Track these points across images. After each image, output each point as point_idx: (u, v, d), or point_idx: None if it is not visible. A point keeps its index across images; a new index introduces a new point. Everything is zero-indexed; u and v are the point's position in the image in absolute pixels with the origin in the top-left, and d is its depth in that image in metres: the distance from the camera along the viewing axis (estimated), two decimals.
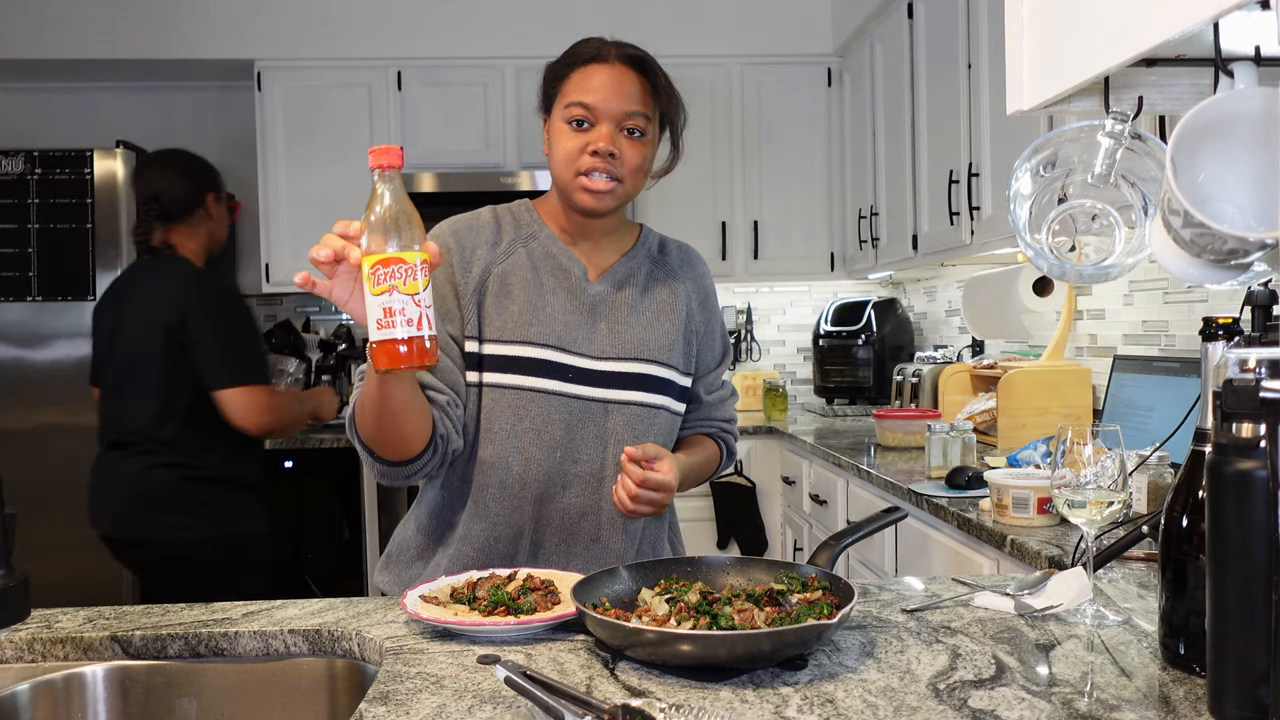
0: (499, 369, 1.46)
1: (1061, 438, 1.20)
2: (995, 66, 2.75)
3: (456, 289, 1.48)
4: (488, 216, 1.55)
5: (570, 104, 1.45)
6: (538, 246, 1.53)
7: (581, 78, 1.46)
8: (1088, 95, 1.11)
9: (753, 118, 4.25)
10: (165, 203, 2.49)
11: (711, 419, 1.66)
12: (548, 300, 1.49)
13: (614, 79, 1.45)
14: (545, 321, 1.48)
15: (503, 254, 1.51)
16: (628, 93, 1.45)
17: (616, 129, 1.45)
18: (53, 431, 3.52)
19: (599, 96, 1.44)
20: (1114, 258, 1.16)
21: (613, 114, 1.44)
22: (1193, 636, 0.98)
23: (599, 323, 1.51)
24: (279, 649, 1.22)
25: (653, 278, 1.59)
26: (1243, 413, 0.82)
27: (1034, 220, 1.17)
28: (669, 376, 1.54)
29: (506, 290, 1.49)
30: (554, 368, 1.47)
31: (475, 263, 1.49)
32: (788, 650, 1.00)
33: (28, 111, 4.46)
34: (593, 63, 1.47)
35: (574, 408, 1.47)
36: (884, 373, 4.08)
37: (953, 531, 2.11)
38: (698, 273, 1.66)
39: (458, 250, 1.49)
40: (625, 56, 1.48)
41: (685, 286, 1.62)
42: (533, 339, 1.47)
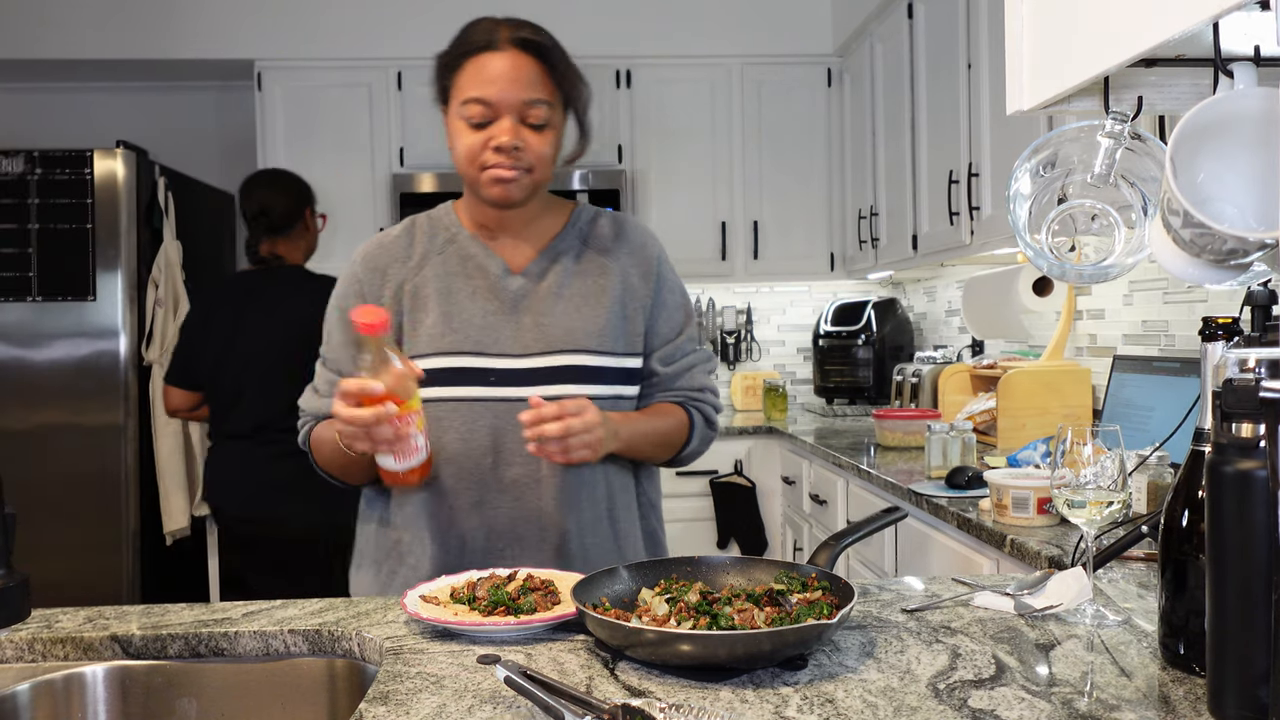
0: (423, 384, 1.43)
1: (1061, 438, 1.20)
2: (995, 66, 2.75)
3: None
4: (400, 231, 1.54)
5: (467, 100, 1.39)
6: (454, 251, 1.50)
7: (475, 69, 1.39)
8: (1088, 95, 1.11)
9: (753, 118, 4.25)
10: (273, 218, 2.79)
11: (673, 389, 1.57)
12: (463, 305, 1.46)
13: (509, 68, 1.39)
14: (460, 328, 1.45)
15: (415, 267, 1.49)
16: (525, 81, 1.39)
17: (518, 120, 1.40)
18: (53, 431, 3.51)
19: (496, 89, 1.38)
20: (1114, 258, 1.16)
21: (512, 106, 1.39)
22: (1192, 636, 0.98)
23: (522, 317, 1.47)
24: (279, 649, 1.22)
25: (583, 258, 1.52)
26: (1243, 413, 0.82)
27: (1034, 220, 1.17)
28: (602, 364, 1.48)
29: (421, 304, 1.47)
30: (474, 374, 1.44)
31: (388, 282, 1.49)
32: (788, 650, 1.00)
33: (28, 111, 4.46)
34: (485, 51, 1.39)
35: (499, 411, 1.44)
36: (884, 373, 4.08)
37: (953, 531, 2.11)
38: (635, 245, 1.56)
39: (367, 278, 1.50)
40: (519, 41, 1.40)
41: (619, 263, 1.53)
42: (447, 349, 1.45)
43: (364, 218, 4.10)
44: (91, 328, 3.52)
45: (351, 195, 4.09)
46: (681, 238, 4.22)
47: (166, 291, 3.64)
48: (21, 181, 3.49)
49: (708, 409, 1.59)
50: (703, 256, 4.24)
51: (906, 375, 3.56)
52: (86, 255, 3.50)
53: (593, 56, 4.16)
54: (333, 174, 4.07)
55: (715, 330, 4.59)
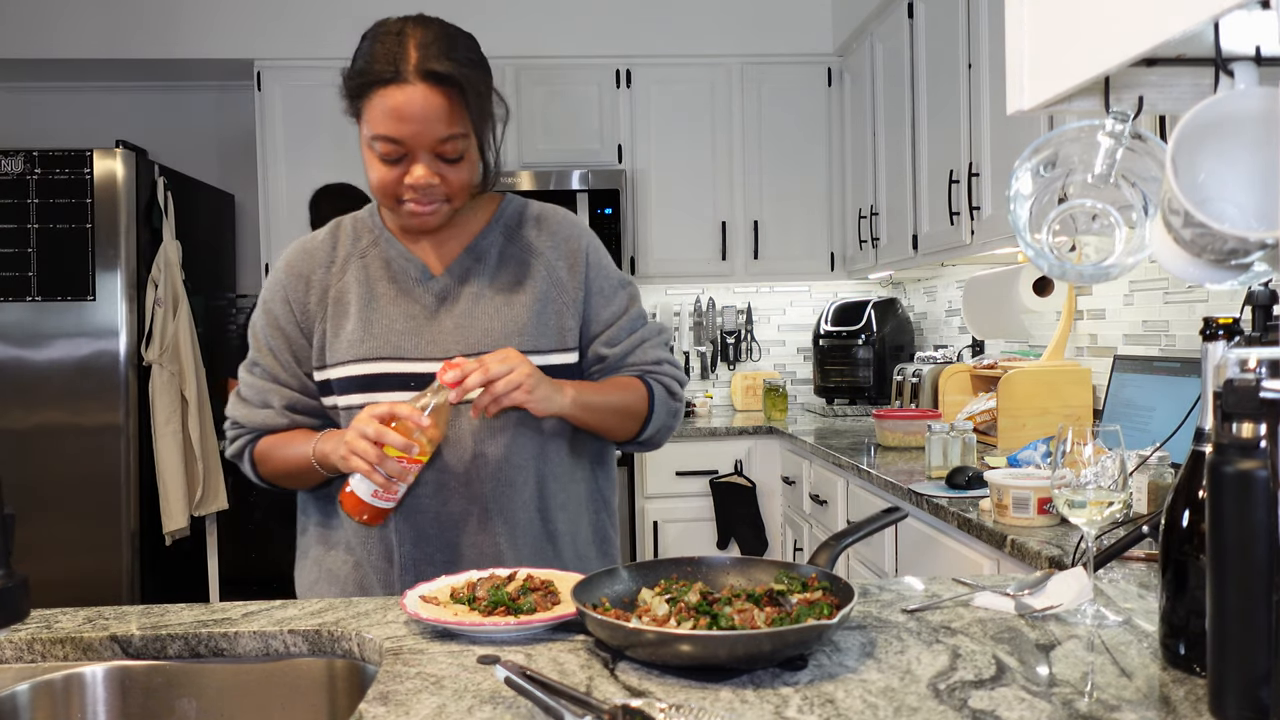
0: (343, 392, 1.44)
1: (1062, 438, 1.20)
2: (995, 66, 2.75)
3: (299, 325, 1.47)
4: (324, 235, 1.52)
5: (377, 137, 1.33)
6: (376, 254, 1.48)
7: (383, 103, 1.31)
8: (1088, 95, 1.11)
9: (753, 118, 4.25)
10: None
11: (626, 365, 1.52)
12: (383, 311, 1.44)
13: (419, 106, 1.30)
14: (378, 335, 1.43)
15: (337, 272, 1.47)
16: (435, 118, 1.31)
17: (432, 156, 1.34)
18: (53, 431, 3.52)
19: (407, 130, 1.31)
20: (1114, 258, 1.16)
21: (424, 144, 1.33)
22: (1193, 637, 0.98)
23: (444, 320, 1.44)
24: (279, 649, 1.22)
25: (505, 256, 1.48)
26: (1243, 413, 0.82)
27: (1034, 220, 1.17)
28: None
29: (342, 309, 1.45)
30: (391, 380, 1.42)
31: (312, 288, 1.47)
32: (788, 650, 1.00)
33: (28, 111, 4.47)
34: (392, 84, 1.31)
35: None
36: (884, 373, 4.08)
37: (953, 531, 2.11)
38: (561, 236, 1.51)
39: (291, 284, 1.48)
40: (427, 74, 1.30)
41: (542, 256, 1.49)
42: (367, 355, 1.43)
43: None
44: (91, 327, 3.52)
45: None
46: (681, 238, 4.23)
47: (166, 291, 3.64)
48: (21, 181, 3.49)
49: (666, 379, 1.53)
50: (703, 256, 4.24)
51: (907, 375, 3.56)
52: (86, 255, 3.51)
53: (593, 56, 4.18)
54: (332, 174, 4.06)
55: (715, 330, 4.59)
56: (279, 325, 1.48)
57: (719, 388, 4.64)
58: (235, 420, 1.51)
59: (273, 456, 1.47)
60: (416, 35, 1.33)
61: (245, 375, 1.51)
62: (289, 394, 1.48)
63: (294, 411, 1.48)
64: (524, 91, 4.12)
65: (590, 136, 4.17)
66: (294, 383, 1.48)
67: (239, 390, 1.52)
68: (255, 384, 1.49)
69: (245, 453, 1.50)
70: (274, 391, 1.48)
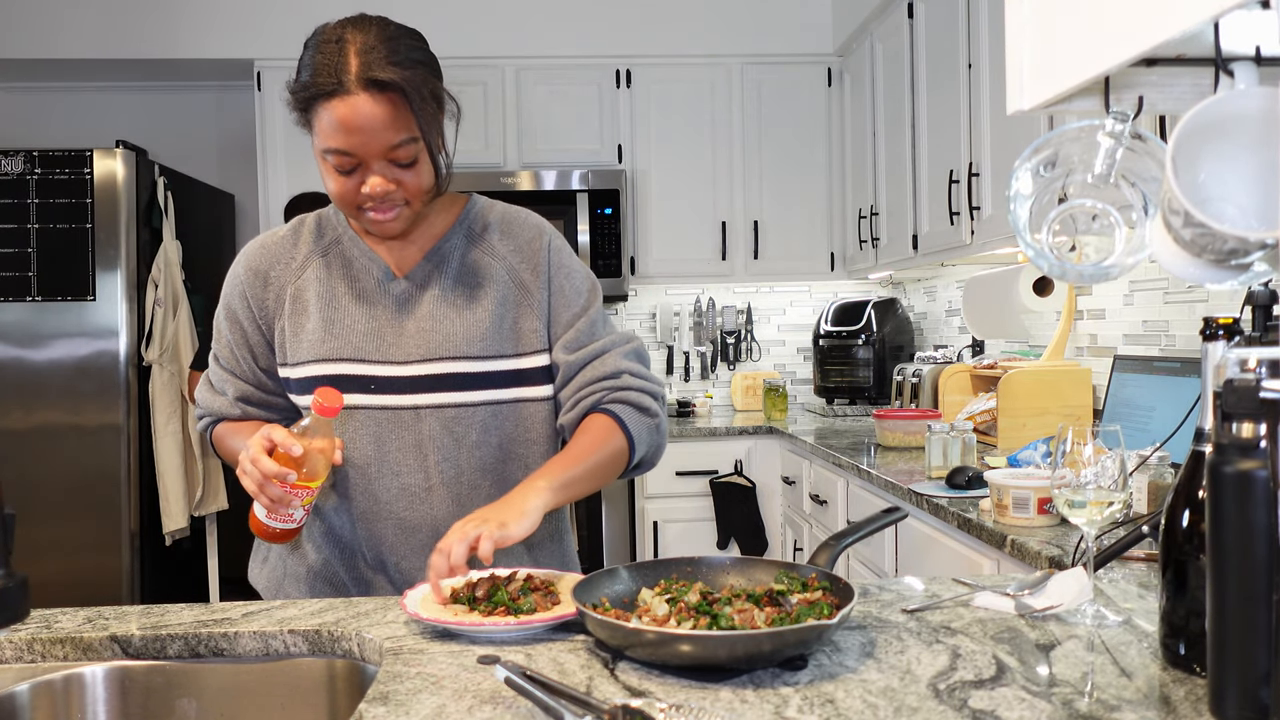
0: (303, 391, 1.43)
1: (1062, 438, 1.20)
2: (995, 66, 2.75)
3: (257, 322, 1.47)
4: (286, 231, 1.50)
5: (328, 150, 1.30)
6: (338, 253, 1.46)
7: (328, 115, 1.28)
8: (1088, 95, 1.11)
9: (753, 118, 4.25)
10: None
11: (586, 385, 1.44)
12: (344, 310, 1.43)
13: (364, 117, 1.27)
14: (340, 335, 1.42)
15: (298, 270, 1.46)
16: (383, 126, 1.28)
17: (386, 163, 1.32)
18: (53, 431, 3.52)
19: (355, 141, 1.28)
20: (1114, 258, 1.16)
21: (376, 153, 1.30)
22: (1193, 637, 0.98)
23: (405, 323, 1.42)
24: (279, 649, 1.22)
25: (467, 259, 1.46)
26: (1243, 413, 0.82)
27: (1034, 220, 1.17)
28: (485, 369, 1.42)
29: (302, 308, 1.44)
30: (352, 381, 1.40)
31: (271, 285, 1.46)
32: (788, 650, 1.00)
33: (28, 111, 4.47)
34: (335, 97, 1.27)
35: (380, 419, 1.41)
36: (884, 373, 4.08)
37: (953, 531, 2.11)
38: (522, 240, 1.48)
39: (249, 280, 1.47)
40: (369, 82, 1.27)
41: (505, 261, 1.46)
42: (326, 355, 1.41)
43: None
44: (91, 327, 3.52)
45: None
46: (681, 238, 4.23)
47: (166, 291, 3.64)
48: (21, 181, 3.49)
49: (632, 395, 1.44)
50: (703, 256, 4.24)
51: (907, 375, 3.56)
52: (86, 255, 3.51)
53: (593, 56, 4.18)
54: None
55: (715, 330, 4.59)
56: (236, 320, 1.49)
57: (719, 388, 4.64)
58: (198, 403, 1.56)
59: (222, 445, 1.52)
60: (356, 41, 1.29)
61: (210, 362, 1.55)
62: (242, 386, 1.50)
63: (245, 403, 1.50)
64: (524, 91, 4.12)
65: (590, 136, 4.16)
66: (248, 376, 1.50)
67: (206, 374, 1.56)
68: (216, 372, 1.53)
69: (207, 434, 1.56)
70: (229, 382, 1.50)
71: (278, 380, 1.49)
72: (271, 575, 1.54)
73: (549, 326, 1.47)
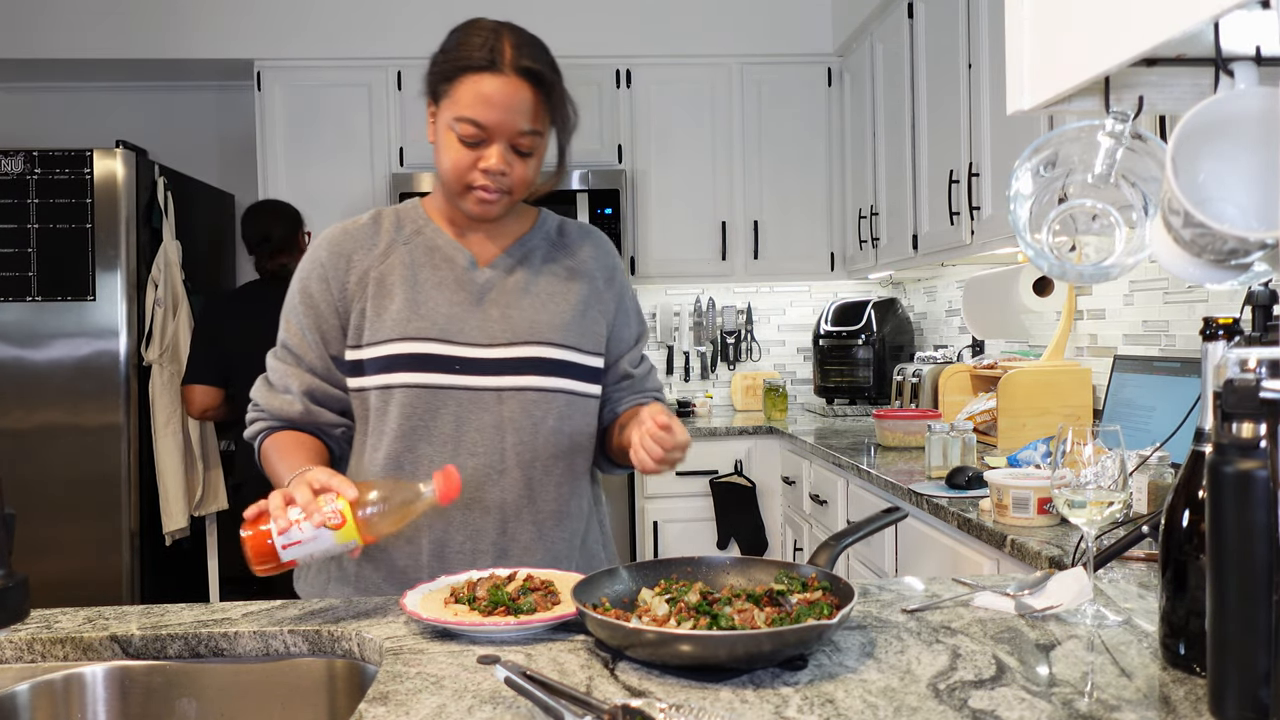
0: (383, 370, 1.45)
1: (1061, 438, 1.20)
2: (995, 66, 2.75)
3: (335, 306, 1.48)
4: (366, 220, 1.53)
5: (462, 118, 1.39)
6: (421, 242, 1.50)
7: (473, 88, 1.38)
8: (1088, 95, 1.11)
9: (753, 118, 4.25)
10: (275, 240, 3.31)
11: (645, 389, 1.62)
12: (429, 294, 1.46)
13: (508, 96, 1.38)
14: (426, 315, 1.45)
15: (381, 255, 1.49)
16: (521, 110, 1.39)
17: (507, 146, 1.41)
18: (53, 431, 3.52)
19: (493, 117, 1.38)
20: (1114, 258, 1.16)
21: (505, 133, 1.39)
22: (1193, 637, 0.98)
23: (489, 309, 1.47)
24: (279, 649, 1.22)
25: (550, 259, 1.54)
26: (1243, 413, 0.82)
27: (1034, 220, 1.17)
28: (567, 358, 1.49)
29: (386, 290, 1.47)
30: (438, 361, 1.44)
31: (352, 269, 1.48)
32: (788, 650, 1.00)
33: (28, 111, 4.47)
34: (486, 72, 1.38)
35: (462, 399, 1.44)
36: (884, 373, 4.08)
37: (953, 531, 2.11)
38: (601, 252, 1.60)
39: (331, 263, 1.49)
40: (521, 69, 1.39)
41: (586, 266, 1.56)
42: (412, 334, 1.44)
43: None
44: (91, 327, 3.52)
45: (351, 195, 4.10)
46: (681, 238, 4.23)
47: (166, 291, 3.64)
48: (21, 181, 3.49)
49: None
50: (703, 256, 4.24)
51: (906, 375, 3.56)
52: (86, 255, 3.50)
53: (593, 56, 4.18)
54: (332, 174, 4.08)
55: (715, 330, 4.59)
56: (312, 303, 1.49)
57: (719, 388, 4.64)
58: (255, 402, 1.53)
59: (271, 461, 1.47)
60: (510, 36, 1.41)
61: (271, 360, 1.53)
62: (307, 379, 1.49)
63: (310, 398, 1.49)
64: None
65: (590, 136, 4.16)
66: (316, 365, 1.49)
67: (265, 375, 1.54)
68: (279, 368, 1.51)
69: (258, 440, 1.52)
70: (295, 376, 1.49)
71: (342, 370, 1.49)
72: (316, 578, 1.53)
73: (610, 339, 1.58)
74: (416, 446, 1.44)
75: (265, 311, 3.16)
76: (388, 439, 1.45)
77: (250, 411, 1.53)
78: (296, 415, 1.49)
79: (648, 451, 1.34)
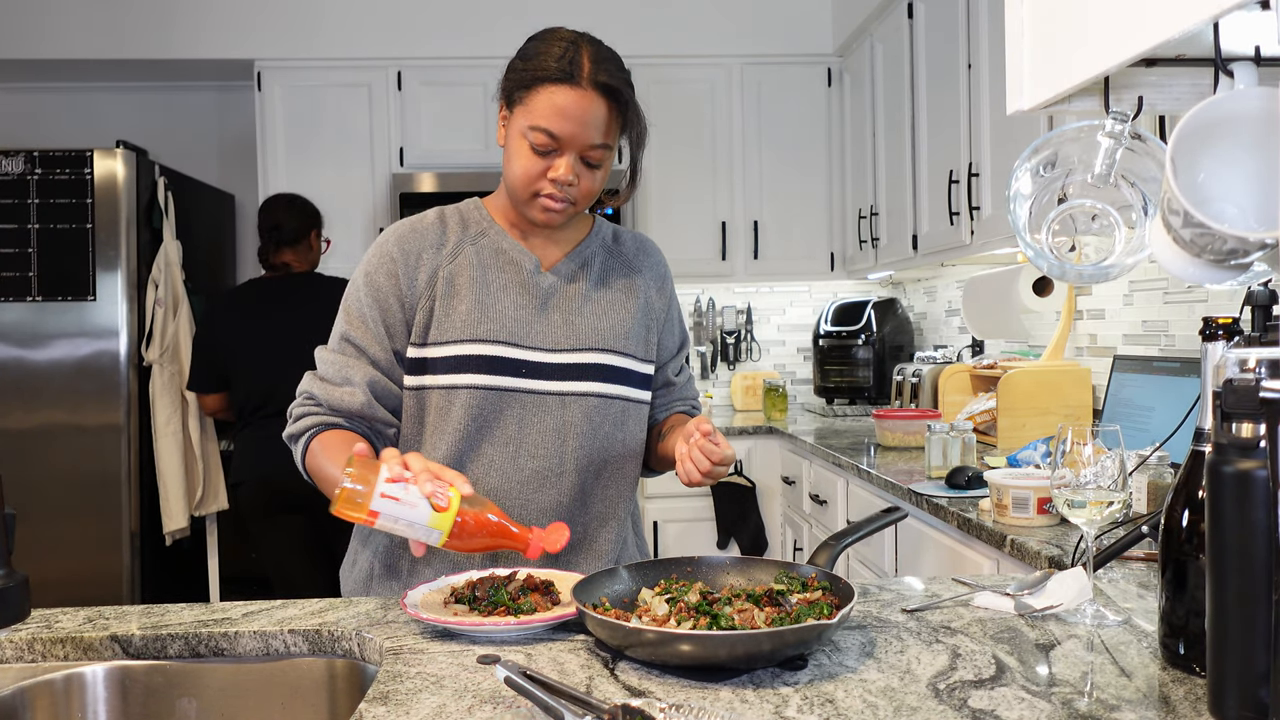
0: (450, 370, 1.44)
1: (1061, 438, 1.20)
2: (995, 66, 2.75)
3: (403, 301, 1.47)
4: (433, 218, 1.53)
5: (536, 128, 1.40)
6: (487, 244, 1.51)
7: (550, 99, 1.39)
8: (1088, 95, 1.11)
9: (753, 118, 4.25)
10: (284, 232, 3.22)
11: (685, 398, 1.67)
12: (497, 296, 1.48)
13: (584, 110, 1.40)
14: (495, 318, 1.46)
15: (449, 255, 1.50)
16: (595, 125, 1.41)
17: (577, 158, 1.42)
18: (53, 431, 3.52)
19: (568, 129, 1.39)
20: (1114, 258, 1.16)
21: (577, 145, 1.41)
22: (1193, 636, 0.98)
23: (552, 314, 1.49)
24: (279, 649, 1.22)
25: (608, 267, 1.57)
26: (1243, 413, 0.82)
27: (1034, 220, 1.17)
28: (627, 365, 1.52)
29: (454, 290, 1.47)
30: (506, 364, 1.45)
31: (422, 267, 1.48)
32: (788, 650, 1.00)
33: (28, 111, 4.47)
34: (565, 84, 1.39)
35: (527, 403, 1.46)
36: (884, 373, 4.08)
37: (953, 531, 2.11)
38: (654, 260, 1.63)
39: (401, 259, 1.48)
40: (598, 84, 1.40)
41: (642, 274, 1.59)
42: (482, 336, 1.45)
43: (364, 218, 4.11)
44: (91, 328, 3.52)
45: (351, 195, 4.10)
46: (681, 238, 4.22)
47: (166, 291, 3.64)
48: (21, 181, 3.49)
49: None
50: (703, 256, 4.24)
51: (906, 375, 3.56)
52: (86, 255, 3.50)
53: None
54: (333, 174, 4.08)
55: (715, 330, 4.59)
56: (379, 296, 1.47)
57: (719, 388, 4.64)
58: (310, 394, 1.46)
59: (321, 462, 1.40)
60: (589, 49, 1.43)
61: (327, 355, 1.48)
62: (371, 372, 1.45)
63: (373, 391, 1.45)
64: None
65: None
66: (382, 357, 1.46)
67: (318, 370, 1.48)
68: (338, 360, 1.46)
69: (304, 436, 1.44)
70: (357, 367, 1.45)
71: (403, 367, 1.48)
72: (359, 576, 1.52)
73: (658, 347, 1.61)
74: (479, 446, 1.45)
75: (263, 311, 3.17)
76: (450, 438, 1.44)
77: (301, 406, 1.47)
78: (358, 407, 1.44)
79: (695, 463, 1.35)
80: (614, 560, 1.52)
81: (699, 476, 1.35)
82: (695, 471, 1.35)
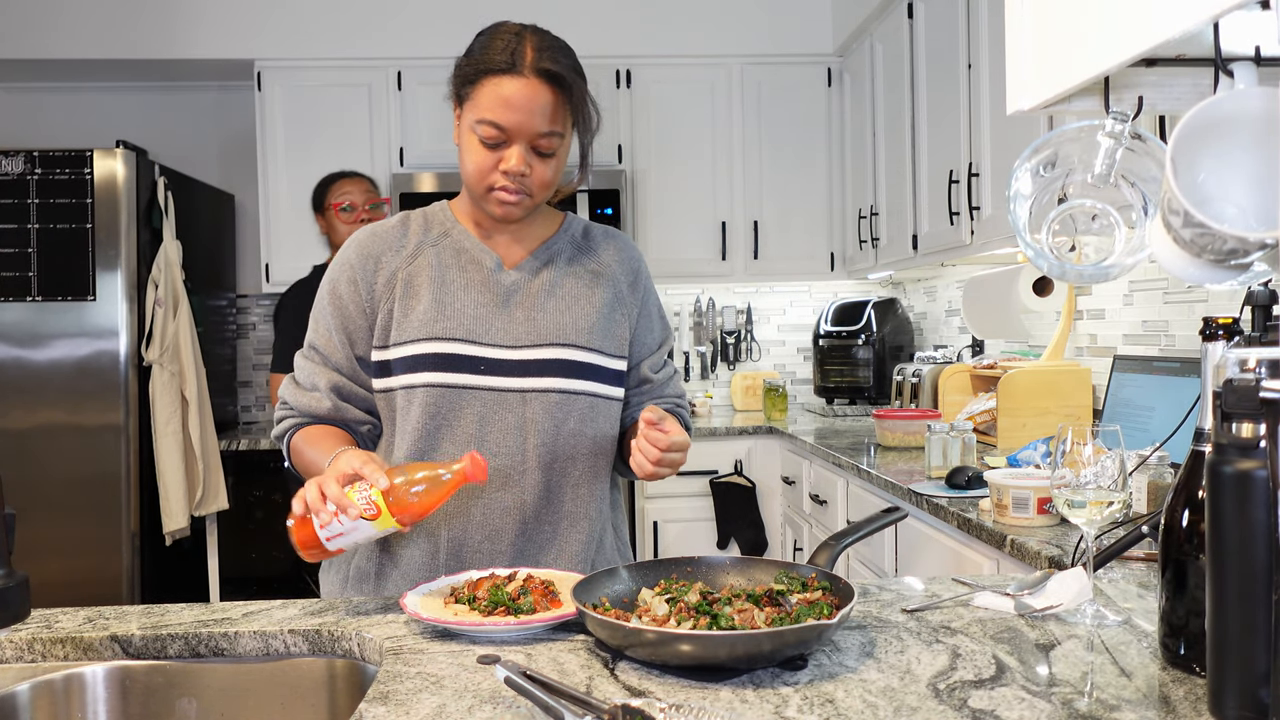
0: (408, 370, 1.46)
1: (1061, 438, 1.20)
2: (995, 66, 2.75)
3: (362, 306, 1.49)
4: (395, 222, 1.55)
5: (482, 121, 1.40)
6: (449, 244, 1.52)
7: (494, 90, 1.39)
8: (1088, 95, 1.11)
9: (753, 118, 4.25)
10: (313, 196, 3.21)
11: (665, 395, 1.63)
12: (456, 295, 1.47)
13: (528, 98, 1.39)
14: (452, 316, 1.46)
15: (409, 257, 1.50)
16: (541, 112, 1.40)
17: (528, 148, 1.42)
18: (53, 431, 3.51)
19: (513, 119, 1.39)
20: (1114, 258, 1.16)
21: (525, 135, 1.40)
22: (1193, 636, 0.98)
23: (514, 311, 1.48)
24: (279, 649, 1.22)
25: (574, 262, 1.56)
26: (1243, 413, 0.82)
27: (1034, 220, 1.17)
28: (593, 360, 1.50)
29: (414, 291, 1.48)
30: (464, 361, 1.45)
31: (381, 270, 1.49)
32: (788, 650, 1.00)
33: (28, 111, 4.46)
34: (507, 74, 1.39)
35: (487, 400, 1.45)
36: (884, 373, 4.08)
37: (953, 531, 2.11)
38: (626, 255, 1.61)
39: (360, 264, 1.50)
40: (541, 71, 1.39)
41: (611, 268, 1.58)
42: (439, 334, 1.45)
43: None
44: (91, 328, 3.52)
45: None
46: (681, 238, 4.23)
47: (166, 291, 3.64)
48: (21, 181, 3.49)
49: (686, 415, 1.64)
50: (703, 256, 4.24)
51: (906, 375, 3.56)
52: (86, 255, 3.50)
53: (593, 56, 4.15)
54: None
55: (715, 330, 4.59)
56: (341, 304, 1.50)
57: (719, 388, 4.64)
58: (284, 401, 1.54)
59: (302, 452, 1.48)
60: (533, 39, 1.42)
61: (299, 360, 1.54)
62: (334, 376, 1.50)
63: (339, 395, 1.50)
64: None
65: None
66: (342, 364, 1.50)
67: (293, 374, 1.54)
68: (306, 367, 1.52)
69: (286, 438, 1.53)
70: (322, 374, 1.50)
71: (368, 371, 1.50)
72: (336, 577, 1.54)
73: (633, 343, 1.58)
74: (439, 445, 1.45)
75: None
76: (410, 437, 1.45)
77: (279, 410, 1.54)
78: (325, 412, 1.50)
79: (644, 454, 1.34)
80: (588, 563, 1.51)
81: (650, 468, 1.34)
82: (646, 463, 1.34)
